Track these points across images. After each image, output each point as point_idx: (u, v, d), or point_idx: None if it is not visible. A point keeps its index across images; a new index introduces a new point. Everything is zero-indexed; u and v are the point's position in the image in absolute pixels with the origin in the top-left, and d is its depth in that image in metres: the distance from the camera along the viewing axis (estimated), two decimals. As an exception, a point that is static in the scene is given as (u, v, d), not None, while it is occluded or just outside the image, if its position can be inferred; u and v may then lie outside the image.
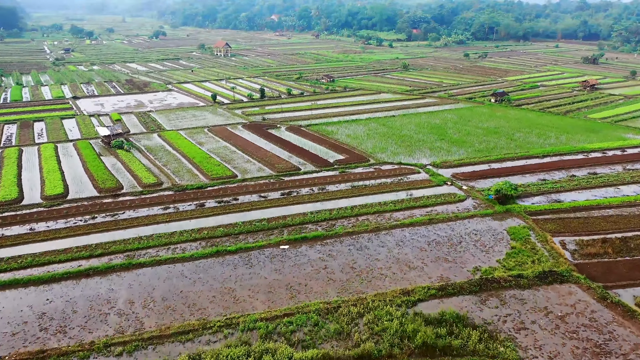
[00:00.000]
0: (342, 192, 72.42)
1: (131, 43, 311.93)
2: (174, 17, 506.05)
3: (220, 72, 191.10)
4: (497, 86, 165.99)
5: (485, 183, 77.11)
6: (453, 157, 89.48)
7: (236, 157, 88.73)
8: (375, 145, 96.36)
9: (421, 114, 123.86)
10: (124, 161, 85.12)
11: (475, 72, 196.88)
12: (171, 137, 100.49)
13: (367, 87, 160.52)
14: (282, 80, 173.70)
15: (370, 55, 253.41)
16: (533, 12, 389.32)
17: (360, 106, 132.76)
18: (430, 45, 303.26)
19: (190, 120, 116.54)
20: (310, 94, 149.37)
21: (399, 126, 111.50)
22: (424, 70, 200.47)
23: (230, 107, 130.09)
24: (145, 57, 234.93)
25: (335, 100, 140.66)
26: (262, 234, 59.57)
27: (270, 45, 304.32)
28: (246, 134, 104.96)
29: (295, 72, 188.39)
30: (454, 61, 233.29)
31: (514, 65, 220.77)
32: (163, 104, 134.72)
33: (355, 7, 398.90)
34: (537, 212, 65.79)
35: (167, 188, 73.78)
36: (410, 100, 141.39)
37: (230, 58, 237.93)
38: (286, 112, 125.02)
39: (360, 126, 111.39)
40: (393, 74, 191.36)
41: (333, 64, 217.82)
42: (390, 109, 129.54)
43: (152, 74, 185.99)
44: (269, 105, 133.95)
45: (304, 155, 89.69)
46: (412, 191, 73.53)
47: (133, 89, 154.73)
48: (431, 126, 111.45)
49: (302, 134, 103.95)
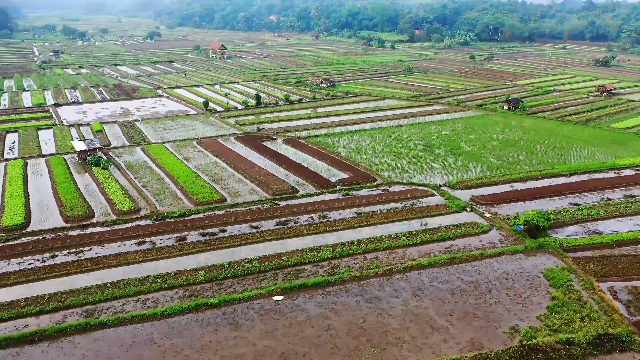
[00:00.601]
0: (346, 222, 62.73)
1: (125, 44, 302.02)
2: (171, 17, 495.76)
3: (215, 76, 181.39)
4: (508, 91, 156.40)
5: (509, 208, 67.49)
6: (469, 176, 79.86)
7: (226, 176, 79.02)
8: (382, 161, 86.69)
9: (430, 124, 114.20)
10: (99, 181, 75.38)
11: (483, 76, 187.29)
12: (156, 151, 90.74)
13: (370, 92, 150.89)
14: (279, 85, 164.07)
15: (372, 57, 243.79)
16: (538, 12, 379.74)
17: (364, 114, 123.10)
18: (433, 47, 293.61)
19: (179, 130, 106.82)
20: (309, 100, 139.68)
21: (407, 138, 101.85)
22: (429, 74, 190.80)
23: (223, 116, 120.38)
24: (137, 60, 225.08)
25: (337, 107, 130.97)
26: (252, 278, 49.87)
27: (268, 47, 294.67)
28: (239, 147, 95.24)
29: (294, 76, 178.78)
30: (459, 63, 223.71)
31: (523, 68, 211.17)
32: (151, 112, 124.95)
33: (356, 7, 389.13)
34: (575, 248, 56.11)
35: (144, 216, 64.05)
36: (416, 108, 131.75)
37: (226, 60, 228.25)
38: (283, 121, 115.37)
39: (365, 138, 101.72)
40: (397, 77, 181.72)
41: (333, 67, 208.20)
42: (395, 117, 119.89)
43: (143, 78, 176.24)
44: (265, 113, 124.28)
45: (302, 173, 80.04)
46: (427, 219, 63.86)
47: (120, 94, 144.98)
48: (441, 137, 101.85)
49: (301, 148, 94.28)
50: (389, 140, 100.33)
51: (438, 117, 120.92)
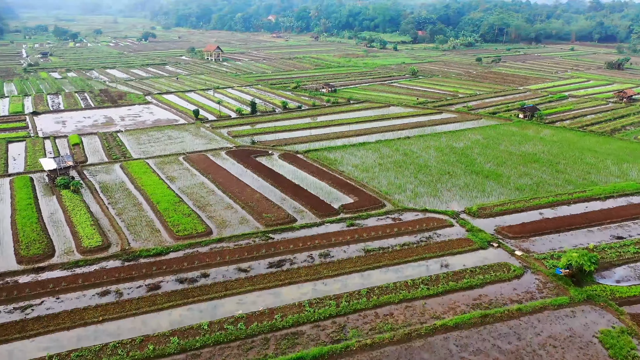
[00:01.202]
0: (352, 262, 52.84)
1: (118, 46, 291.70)
2: (167, 17, 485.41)
3: (209, 80, 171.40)
4: (520, 97, 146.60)
5: (542, 243, 57.67)
6: (491, 200, 70.07)
7: (214, 201, 69.15)
8: (391, 181, 76.82)
9: (440, 135, 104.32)
10: (67, 208, 65.47)
11: (493, 80, 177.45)
12: (136, 169, 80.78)
13: (374, 98, 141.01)
14: (277, 90, 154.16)
15: (374, 59, 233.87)
16: (543, 12, 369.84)
17: (368, 124, 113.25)
18: (437, 48, 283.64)
19: (165, 144, 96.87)
20: (309, 107, 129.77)
21: (416, 152, 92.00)
22: (435, 78, 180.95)
23: (215, 126, 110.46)
24: (129, 62, 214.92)
25: (338, 115, 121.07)
26: (236, 346, 40.01)
27: (266, 48, 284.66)
28: (230, 164, 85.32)
29: (292, 80, 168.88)
30: (465, 66, 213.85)
31: (532, 71, 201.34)
32: (136, 121, 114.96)
33: (357, 7, 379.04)
34: (631, 300, 46.34)
35: (114, 255, 54.13)
36: (425, 116, 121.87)
37: (222, 63, 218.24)
38: (280, 132, 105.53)
39: (370, 152, 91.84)
40: (401, 81, 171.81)
41: (334, 70, 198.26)
42: (403, 127, 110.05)
43: (132, 83, 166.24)
44: (260, 122, 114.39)
45: (301, 196, 70.21)
46: (448, 258, 54.06)
47: (106, 101, 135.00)
48: (455, 151, 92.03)
49: (299, 164, 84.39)
50: (397, 154, 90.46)
51: (449, 127, 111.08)
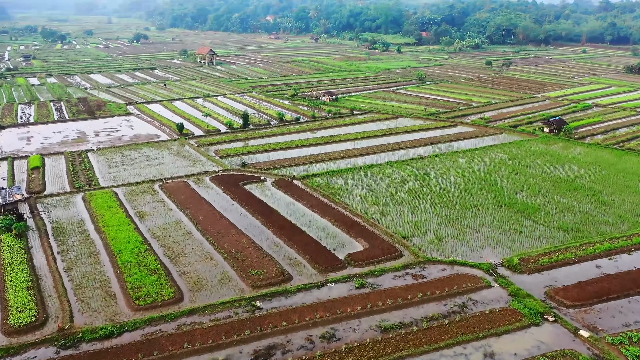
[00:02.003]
0: (366, 351, 39.40)
1: (107, 48, 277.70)
2: (162, 18, 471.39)
3: (200, 87, 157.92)
4: (539, 106, 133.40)
5: (611, 315, 44.49)
6: (532, 245, 56.99)
7: (190, 248, 55.78)
8: (407, 218, 63.55)
9: (459, 154, 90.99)
10: (3, 261, 52.02)
11: (506, 86, 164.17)
12: (101, 203, 67.34)
13: (379, 108, 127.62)
14: (273, 99, 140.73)
15: (377, 63, 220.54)
16: (551, 12, 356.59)
17: (375, 140, 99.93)
18: (443, 51, 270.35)
19: (140, 166, 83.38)
20: (308, 119, 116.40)
21: (434, 176, 78.71)
22: (444, 83, 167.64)
23: (200, 143, 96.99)
24: (115, 67, 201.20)
25: (341, 130, 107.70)
26: None
27: (263, 50, 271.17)
28: (214, 194, 71.94)
29: (290, 87, 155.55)
30: (475, 70, 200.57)
31: (547, 75, 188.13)
32: (112, 137, 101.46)
33: (358, 7, 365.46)
34: None
35: (47, 339, 40.73)
36: (438, 130, 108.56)
37: (215, 67, 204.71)
38: (275, 151, 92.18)
39: (379, 177, 78.47)
40: (408, 88, 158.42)
41: (335, 75, 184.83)
42: (415, 144, 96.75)
43: (115, 90, 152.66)
44: (253, 138, 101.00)
45: (298, 241, 56.93)
46: (492, 342, 40.77)
47: (82, 112, 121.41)
48: (478, 176, 78.81)
49: (296, 195, 71.03)
50: (411, 180, 77.15)
51: (467, 144, 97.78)
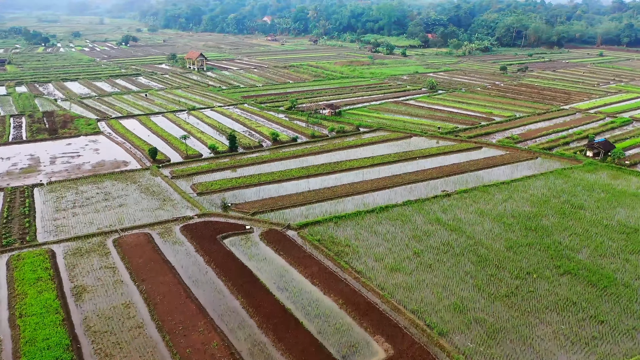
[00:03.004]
0: None
1: (92, 51, 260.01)
2: (156, 18, 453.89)
3: (185, 98, 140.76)
4: (571, 121, 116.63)
5: None
6: (625, 348, 40.02)
7: (136, 356, 38.78)
8: (441, 296, 46.71)
9: (491, 189, 74.08)
10: None
11: (527, 95, 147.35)
12: (27, 272, 50.24)
13: (389, 124, 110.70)
14: (267, 112, 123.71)
15: (382, 67, 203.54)
16: (562, 12, 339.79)
17: (387, 167, 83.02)
18: (450, 54, 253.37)
19: (96, 208, 66.33)
20: (307, 139, 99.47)
21: (466, 224, 61.88)
22: (459, 93, 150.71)
23: (176, 173, 79.94)
24: (96, 73, 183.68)
25: (346, 153, 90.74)
26: None
27: (258, 54, 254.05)
28: (183, 255, 54.96)
29: (287, 97, 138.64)
30: (489, 77, 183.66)
31: (569, 83, 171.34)
32: (71, 164, 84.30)
33: (359, 7, 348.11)
34: None
35: None
36: (461, 153, 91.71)
37: (206, 73, 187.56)
38: (267, 184, 75.28)
39: (397, 225, 61.53)
40: (419, 99, 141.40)
41: (336, 83, 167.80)
42: (436, 173, 79.84)
43: (89, 101, 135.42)
44: (240, 166, 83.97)
45: (291, 343, 40.07)
46: None
47: (43, 130, 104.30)
48: (522, 222, 62.14)
49: (292, 256, 54.05)
50: (438, 230, 60.29)
51: (498, 174, 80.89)
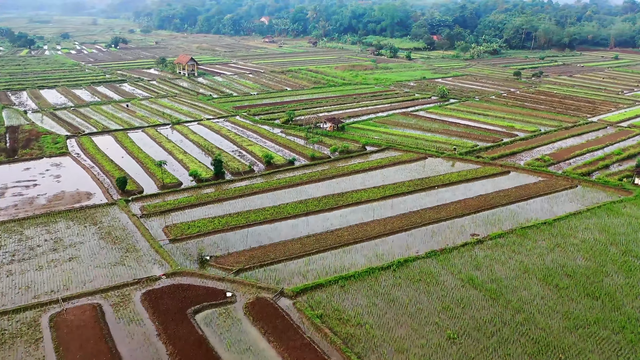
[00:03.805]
0: None
1: (79, 54, 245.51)
2: (150, 19, 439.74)
3: (170, 109, 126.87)
4: (604, 137, 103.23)
5: None
6: None
7: None
8: None
9: (531, 232, 60.50)
10: None
11: (548, 105, 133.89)
12: None
13: (399, 141, 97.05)
14: (261, 126, 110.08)
15: (386, 72, 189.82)
16: (572, 13, 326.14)
17: (401, 199, 69.38)
18: (458, 57, 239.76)
19: (38, 265, 52.50)
20: (305, 161, 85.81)
21: (508, 287, 48.34)
22: (472, 102, 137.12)
23: (147, 209, 66.18)
24: (77, 79, 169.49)
25: (352, 180, 76.97)
26: None
27: (255, 57, 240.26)
28: (139, 341, 41.14)
29: (284, 108, 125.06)
30: (502, 83, 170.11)
31: (590, 90, 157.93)
32: (23, 197, 70.44)
33: (360, 8, 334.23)
34: None
35: None
36: (487, 179, 78.12)
37: (197, 79, 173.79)
38: (256, 224, 61.62)
39: (422, 290, 47.89)
40: (429, 109, 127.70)
41: (338, 90, 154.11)
42: (461, 209, 66.24)
43: (63, 113, 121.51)
44: (225, 199, 70.22)
45: None
46: None
47: (1, 151, 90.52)
48: (579, 284, 48.77)
49: (285, 345, 40.36)
50: (474, 295, 46.75)
51: (535, 209, 67.33)
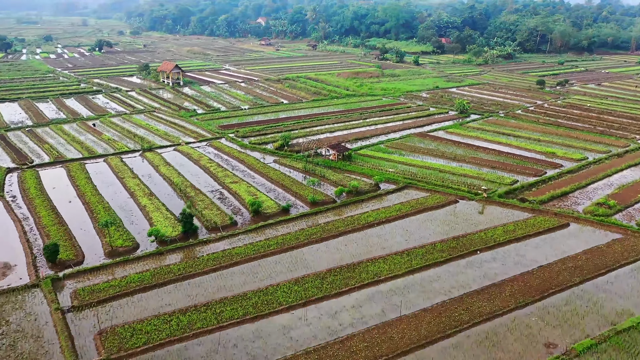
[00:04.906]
0: None
1: (57, 59, 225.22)
2: (141, 19, 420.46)
3: (145, 129, 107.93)
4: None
5: None
6: None
7: None
8: None
9: (630, 339, 41.53)
10: None
11: (587, 122, 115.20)
12: None
13: (419, 175, 77.94)
14: (250, 153, 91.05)
15: (394, 81, 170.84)
16: (587, 14, 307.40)
17: (432, 273, 50.44)
18: (469, 62, 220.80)
19: None
20: (304, 211, 66.71)
21: None
22: (497, 118, 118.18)
23: (81, 297, 46.99)
24: (46, 89, 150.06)
25: (364, 236, 57.83)
26: None
27: (249, 62, 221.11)
28: None
29: (278, 128, 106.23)
30: (525, 93, 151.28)
31: (628, 102, 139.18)
32: None
33: (363, 8, 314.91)
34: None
35: None
36: (539, 237, 59.11)
37: (182, 89, 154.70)
38: (233, 327, 42.68)
39: None
40: (449, 129, 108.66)
41: (341, 103, 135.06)
42: (518, 293, 47.26)
43: (16, 134, 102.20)
44: (194, 274, 51.15)
45: None
46: None
47: None
48: None
49: None
50: None
51: (623, 291, 48.43)
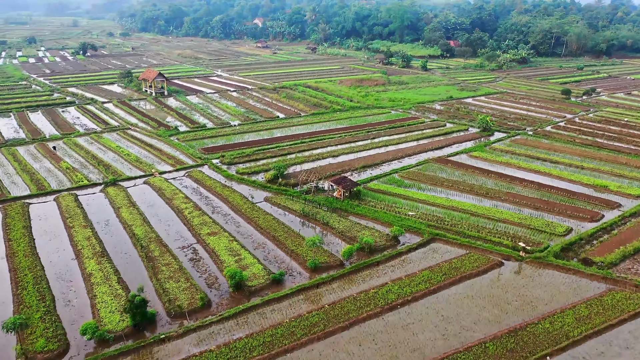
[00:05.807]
0: None
1: (36, 64, 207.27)
2: (133, 20, 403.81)
3: (114, 152, 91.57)
4: None
5: None
6: None
7: None
8: None
9: None
10: None
11: (630, 141, 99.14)
12: None
13: (446, 221, 61.72)
14: (236, 186, 74.72)
15: (402, 89, 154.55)
16: (602, 14, 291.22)
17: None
18: (481, 66, 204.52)
19: None
20: (302, 282, 50.35)
21: None
22: (527, 138, 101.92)
23: None
24: (12, 101, 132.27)
25: (383, 333, 41.38)
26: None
27: (243, 67, 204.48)
28: None
29: (272, 152, 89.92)
30: (550, 105, 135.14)
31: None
32: None
33: (365, 9, 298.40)
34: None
35: None
36: (621, 326, 42.54)
37: (166, 100, 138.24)
38: None
39: None
40: (472, 151, 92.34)
41: (344, 118, 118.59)
42: None
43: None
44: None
45: None
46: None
47: None
48: None
49: None
50: None
51: None
